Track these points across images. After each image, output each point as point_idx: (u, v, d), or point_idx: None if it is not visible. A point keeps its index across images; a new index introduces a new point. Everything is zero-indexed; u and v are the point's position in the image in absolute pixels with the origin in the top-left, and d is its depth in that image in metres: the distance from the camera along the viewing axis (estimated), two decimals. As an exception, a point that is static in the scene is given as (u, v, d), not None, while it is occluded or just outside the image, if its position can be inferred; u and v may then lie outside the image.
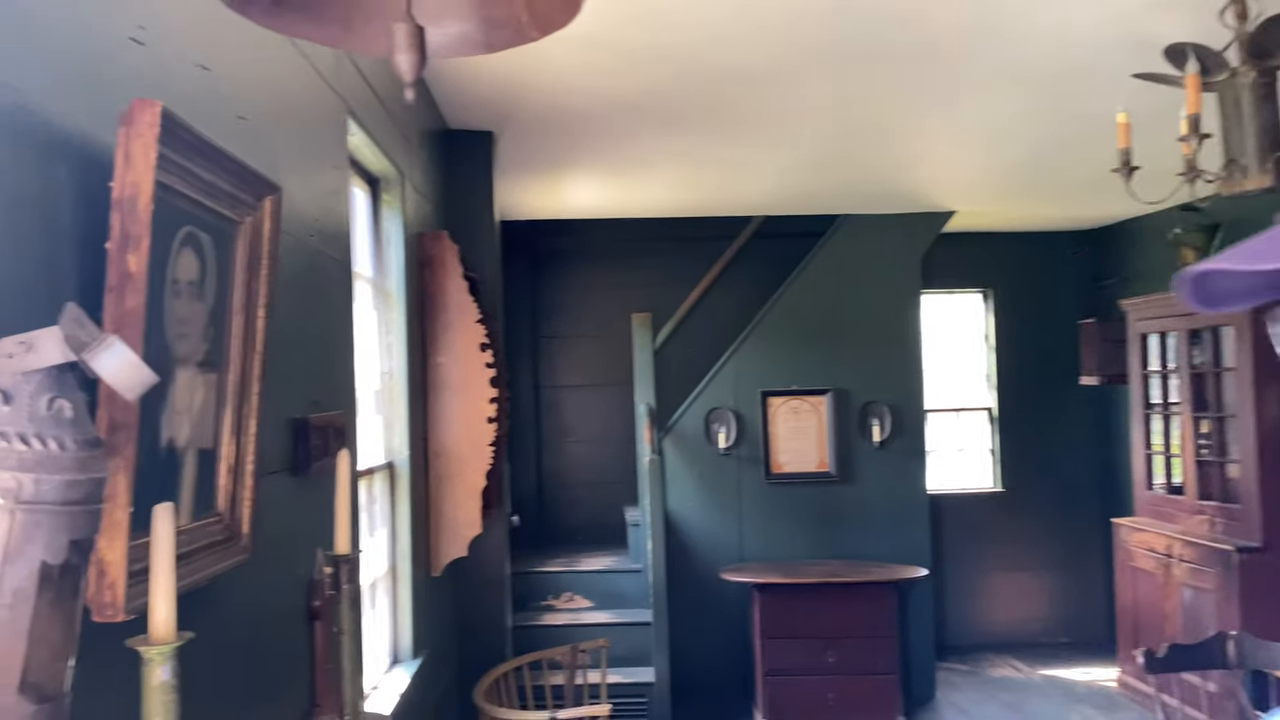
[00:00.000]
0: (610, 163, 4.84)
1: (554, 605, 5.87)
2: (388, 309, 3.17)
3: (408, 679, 3.01)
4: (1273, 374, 4.98)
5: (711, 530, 6.08)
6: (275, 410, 1.83)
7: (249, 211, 1.52)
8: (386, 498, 3.12)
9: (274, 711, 1.83)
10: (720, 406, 6.13)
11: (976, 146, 4.67)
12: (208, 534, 1.42)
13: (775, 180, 5.35)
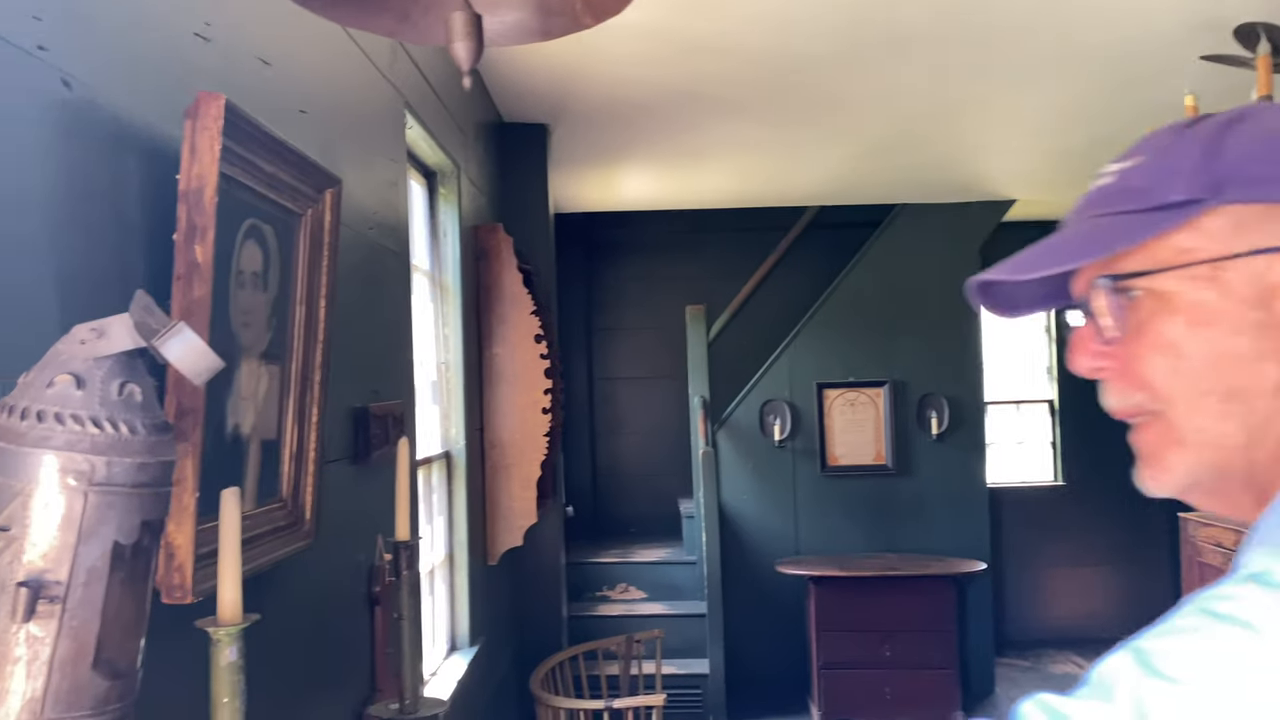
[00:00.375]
0: (666, 153, 4.84)
1: (609, 596, 5.90)
2: (444, 301, 3.20)
3: (465, 665, 3.04)
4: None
5: (766, 523, 6.05)
6: (336, 399, 1.86)
7: (310, 204, 1.54)
8: (444, 487, 3.16)
9: (336, 694, 1.87)
10: (775, 399, 6.10)
11: (1039, 133, 4.58)
12: (271, 519, 1.45)
13: (833, 169, 5.30)
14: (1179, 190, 0.64)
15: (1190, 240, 0.64)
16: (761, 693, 5.73)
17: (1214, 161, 0.63)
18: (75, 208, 1.06)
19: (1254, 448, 0.62)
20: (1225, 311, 0.62)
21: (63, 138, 1.04)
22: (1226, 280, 0.62)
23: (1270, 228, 0.61)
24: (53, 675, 0.73)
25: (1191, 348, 0.63)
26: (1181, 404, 0.64)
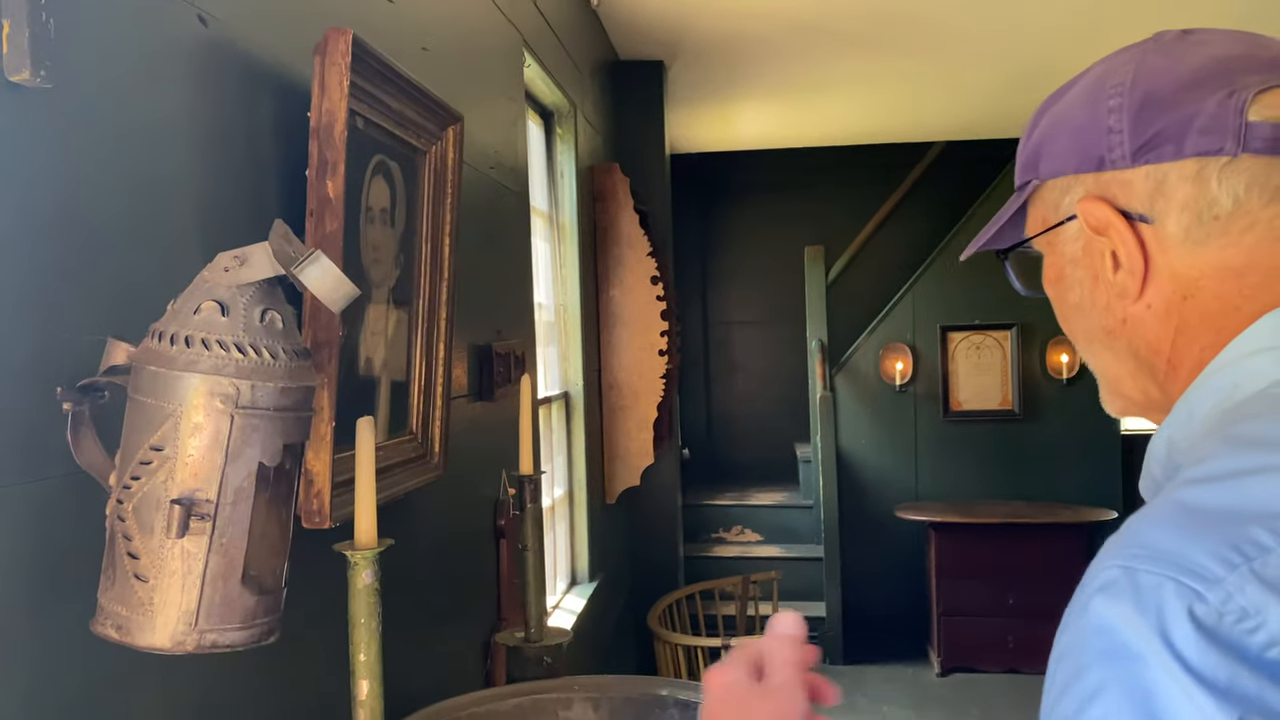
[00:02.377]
0: (785, 89, 4.73)
1: (725, 538, 5.93)
2: (561, 242, 3.22)
3: (584, 600, 3.11)
4: None
5: (885, 468, 5.96)
6: (460, 337, 1.89)
7: (433, 140, 1.55)
8: (562, 427, 3.20)
9: (465, 621, 1.93)
10: (896, 342, 5.96)
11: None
12: (402, 451, 1.49)
13: (961, 102, 5.09)
14: (1019, 172, 0.78)
15: (1039, 213, 0.77)
16: (879, 638, 5.69)
17: (1028, 143, 0.77)
18: (213, 144, 1.09)
19: (1149, 370, 0.73)
20: (1063, 270, 0.76)
21: (200, 75, 1.07)
22: (1059, 244, 0.75)
23: (1073, 195, 0.73)
24: (205, 588, 0.76)
25: (1059, 302, 0.77)
26: (1082, 347, 0.78)
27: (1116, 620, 0.53)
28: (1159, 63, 0.72)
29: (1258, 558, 0.52)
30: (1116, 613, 0.53)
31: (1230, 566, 0.52)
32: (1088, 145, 0.72)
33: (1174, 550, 0.54)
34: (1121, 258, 0.71)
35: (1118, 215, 0.71)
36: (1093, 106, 0.73)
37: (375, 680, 1.08)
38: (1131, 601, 0.53)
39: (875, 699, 5.04)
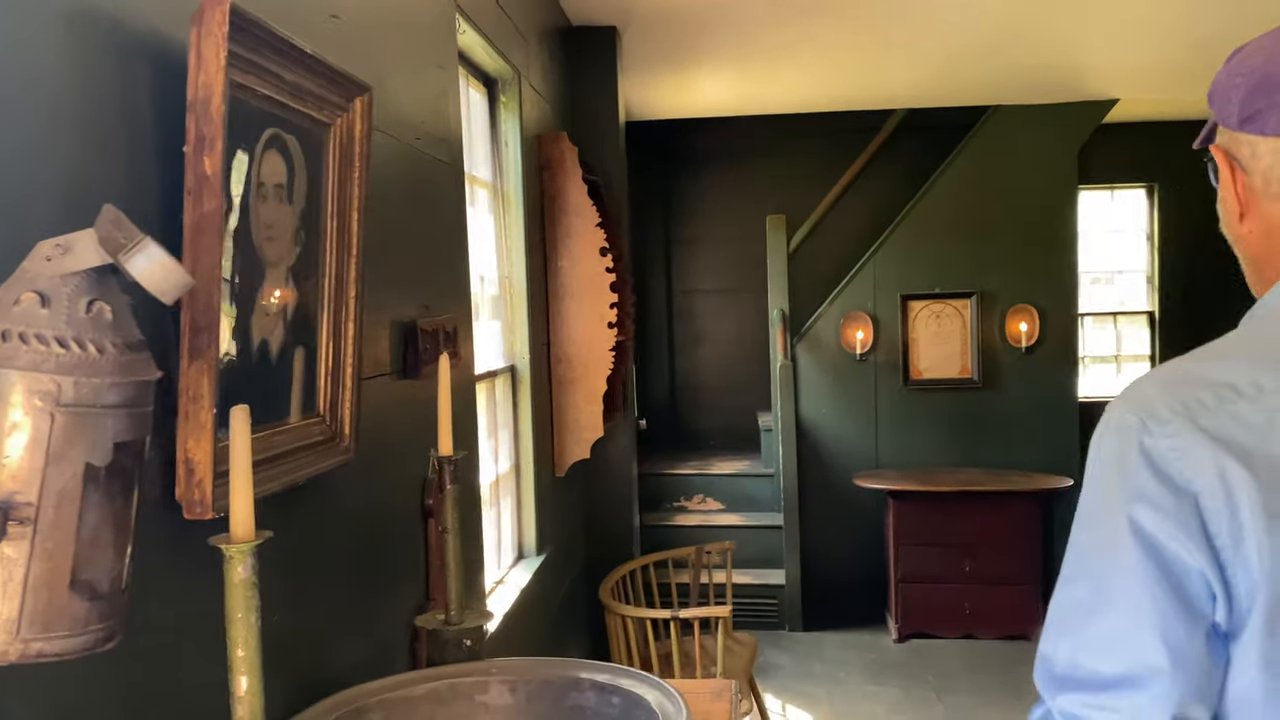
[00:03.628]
0: (743, 55, 4.66)
1: (686, 506, 5.93)
2: (506, 213, 3.16)
3: (530, 574, 3.09)
4: None
5: (845, 436, 5.97)
6: (381, 314, 1.84)
7: (338, 113, 1.50)
8: (509, 401, 3.17)
9: (391, 604, 1.90)
10: (857, 310, 5.95)
11: (1148, 26, 4.25)
12: (307, 434, 1.45)
13: (921, 69, 5.04)
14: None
15: (1221, 140, 0.98)
16: (837, 604, 5.73)
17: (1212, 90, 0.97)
18: (85, 119, 1.04)
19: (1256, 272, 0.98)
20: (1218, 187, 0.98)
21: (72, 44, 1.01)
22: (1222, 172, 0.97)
23: (1219, 138, 0.97)
24: (27, 596, 0.73)
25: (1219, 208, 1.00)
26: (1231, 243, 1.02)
27: (1113, 439, 0.87)
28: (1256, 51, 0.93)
29: (1200, 413, 0.83)
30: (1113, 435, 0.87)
31: (1176, 414, 0.83)
32: (1223, 105, 0.95)
33: (1149, 399, 0.86)
34: (1232, 194, 0.95)
35: (1229, 163, 0.95)
36: (1230, 75, 0.95)
37: (254, 675, 1.05)
38: (1117, 429, 0.87)
39: (832, 665, 5.09)
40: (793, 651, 5.29)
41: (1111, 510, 0.85)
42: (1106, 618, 0.84)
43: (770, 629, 5.57)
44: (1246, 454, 0.80)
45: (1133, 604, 0.83)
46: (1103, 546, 0.86)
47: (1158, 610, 0.82)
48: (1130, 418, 0.86)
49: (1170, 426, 0.83)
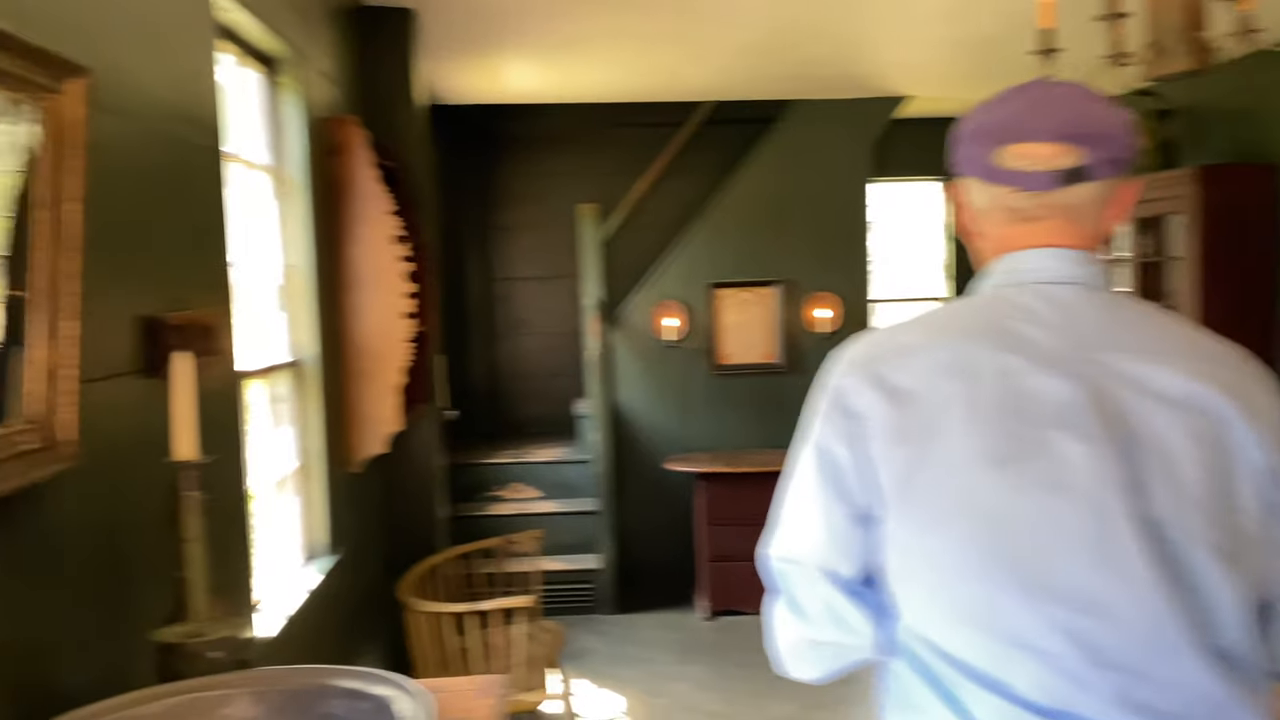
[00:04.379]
0: (545, 44, 4.64)
1: (501, 496, 5.90)
2: (289, 200, 3.04)
3: (322, 576, 3.00)
4: (1217, 264, 4.94)
5: (659, 421, 6.08)
6: (119, 310, 1.73)
7: (47, 96, 1.39)
8: (294, 397, 3.05)
9: (139, 616, 1.79)
10: (669, 298, 6.06)
11: (924, 26, 4.48)
12: (10, 444, 1.34)
13: (724, 63, 5.15)
14: None
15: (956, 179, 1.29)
16: (652, 586, 5.84)
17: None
18: None
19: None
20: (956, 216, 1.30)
21: None
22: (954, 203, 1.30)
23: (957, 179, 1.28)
24: None
25: None
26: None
27: (821, 386, 1.20)
28: (977, 113, 1.23)
29: (875, 363, 1.16)
30: (827, 381, 1.19)
31: (861, 365, 1.17)
32: (951, 153, 1.25)
33: (850, 355, 1.21)
34: (961, 220, 1.28)
35: (957, 198, 1.28)
36: (957, 129, 1.25)
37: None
38: (825, 378, 1.20)
39: (645, 646, 5.18)
40: (607, 635, 5.35)
41: (809, 434, 1.19)
42: (793, 506, 1.20)
43: (586, 614, 5.62)
44: (895, 391, 1.13)
45: (809, 494, 1.18)
46: (800, 459, 1.20)
47: (824, 498, 1.16)
48: (834, 368, 1.21)
49: (854, 372, 1.17)
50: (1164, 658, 1.05)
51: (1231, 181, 4.95)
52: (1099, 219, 1.20)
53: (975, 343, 1.13)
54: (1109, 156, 1.16)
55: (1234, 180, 4.96)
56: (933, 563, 1.10)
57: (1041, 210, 1.18)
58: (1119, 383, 1.09)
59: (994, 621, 1.07)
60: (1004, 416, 1.08)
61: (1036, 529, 1.06)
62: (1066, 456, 1.06)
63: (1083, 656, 1.05)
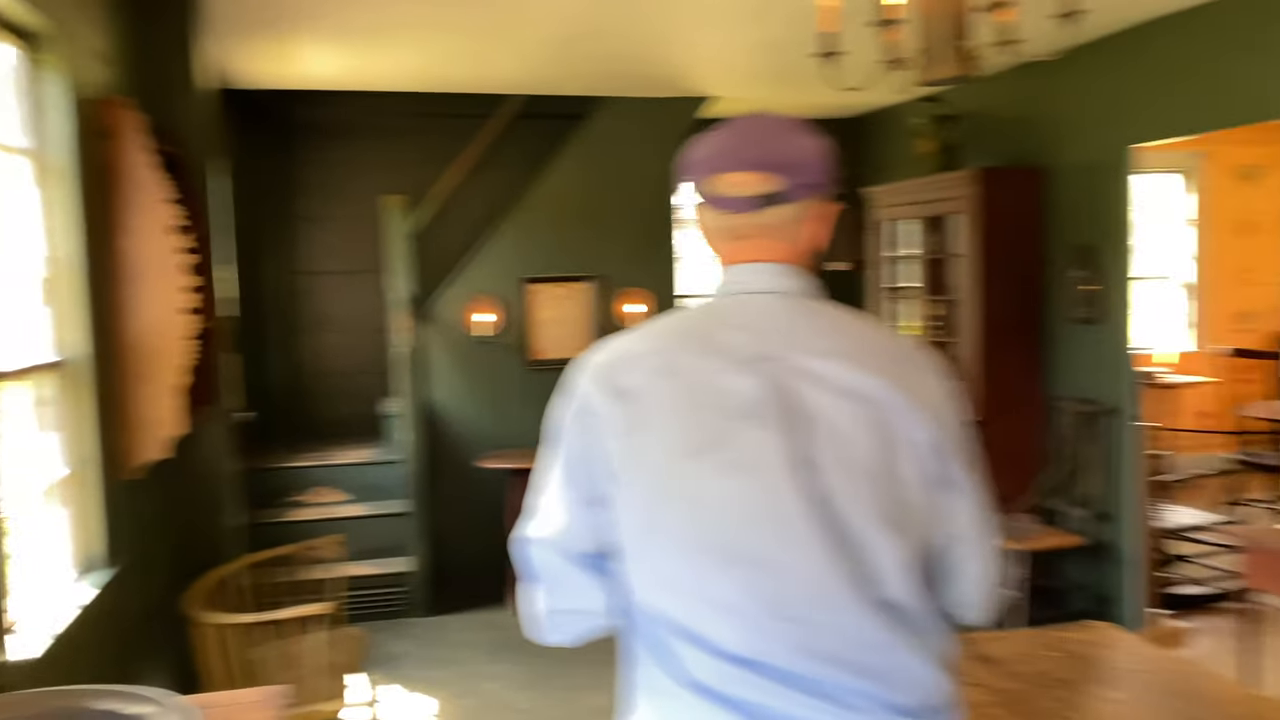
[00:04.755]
0: (345, 29, 4.47)
1: (302, 501, 5.67)
2: (52, 187, 2.80)
3: (95, 591, 2.79)
4: (995, 258, 5.31)
5: (472, 418, 6.00)
6: None
7: None
8: (61, 400, 2.82)
9: None
10: (481, 293, 5.98)
11: (724, 27, 4.60)
12: None
13: (530, 57, 5.12)
14: None
15: None
16: (465, 586, 5.76)
17: None
18: None
19: None
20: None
21: None
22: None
23: None
24: None
25: None
26: None
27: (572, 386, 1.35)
28: (698, 144, 1.40)
29: (610, 366, 1.32)
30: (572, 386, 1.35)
31: (597, 367, 1.33)
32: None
33: (590, 360, 1.36)
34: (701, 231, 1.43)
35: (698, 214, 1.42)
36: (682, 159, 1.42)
37: None
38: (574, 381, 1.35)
39: (457, 647, 5.10)
40: (419, 638, 5.24)
41: (557, 433, 1.36)
42: (542, 495, 1.37)
43: (397, 618, 5.48)
44: (622, 391, 1.30)
45: (555, 485, 1.35)
46: (548, 455, 1.37)
47: (566, 487, 1.34)
48: (577, 374, 1.36)
49: (591, 377, 1.33)
50: (832, 610, 1.24)
51: (1007, 183, 5.34)
52: (799, 236, 1.37)
53: (685, 347, 1.31)
54: (804, 182, 1.34)
55: (1009, 182, 5.35)
56: (650, 539, 1.28)
57: (749, 230, 1.36)
58: (800, 378, 1.27)
59: (697, 587, 1.25)
60: (699, 410, 1.27)
61: (726, 506, 1.25)
62: (749, 443, 1.25)
63: (766, 612, 1.24)
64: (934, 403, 1.30)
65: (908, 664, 1.27)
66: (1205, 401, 7.43)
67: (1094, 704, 2.36)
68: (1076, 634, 2.78)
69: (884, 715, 1.26)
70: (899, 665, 1.26)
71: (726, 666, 1.24)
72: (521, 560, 1.39)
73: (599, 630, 1.40)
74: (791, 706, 1.24)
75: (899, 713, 1.27)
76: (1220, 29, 4.19)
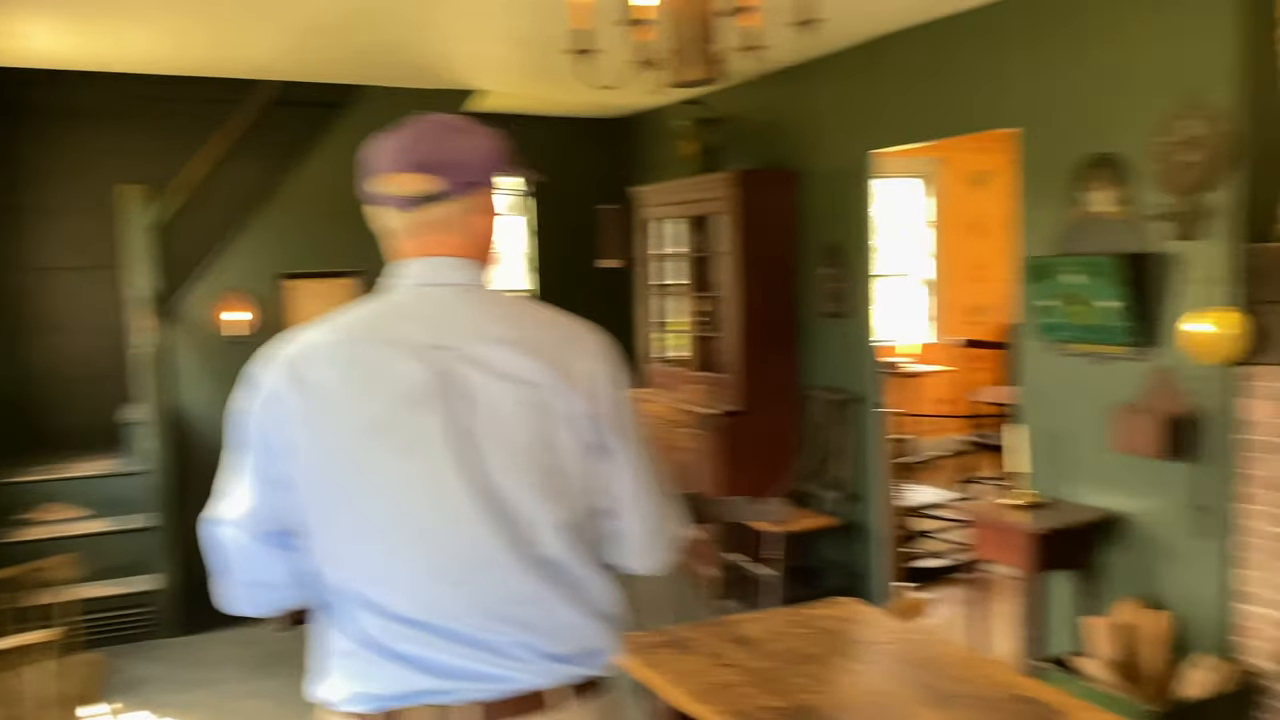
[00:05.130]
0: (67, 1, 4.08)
1: (31, 519, 5.15)
2: None
3: None
4: (755, 258, 5.54)
5: (225, 423, 5.63)
6: None
7: None
8: None
9: None
10: (233, 290, 5.64)
11: (485, 20, 4.55)
12: None
13: (284, 41, 4.86)
14: None
15: None
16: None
17: None
18: None
19: None
20: None
21: None
22: None
23: None
24: None
25: None
26: None
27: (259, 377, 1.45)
28: (371, 147, 1.50)
29: (296, 358, 1.43)
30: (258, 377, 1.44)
31: (281, 358, 1.44)
32: None
33: (275, 353, 1.46)
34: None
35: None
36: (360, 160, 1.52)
37: None
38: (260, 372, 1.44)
39: (214, 666, 4.80)
40: (169, 660, 4.88)
41: (244, 421, 1.45)
42: (231, 479, 1.48)
43: (144, 640, 5.08)
44: (305, 381, 1.40)
45: (243, 470, 1.46)
46: (235, 442, 1.46)
47: (252, 471, 1.44)
48: (264, 366, 1.45)
49: (277, 368, 1.43)
50: (494, 572, 1.39)
51: (764, 185, 5.59)
52: (470, 229, 1.49)
53: (365, 338, 1.42)
54: (466, 180, 1.45)
55: (765, 184, 5.60)
56: (331, 517, 1.41)
57: (419, 227, 1.46)
58: (468, 364, 1.40)
59: (373, 559, 1.40)
60: (375, 397, 1.38)
61: (397, 485, 1.38)
62: (417, 426, 1.37)
63: (433, 578, 1.39)
64: (592, 381, 1.44)
65: (565, 616, 1.43)
66: (943, 388, 8.09)
67: (839, 676, 2.51)
68: (825, 611, 2.95)
69: (542, 663, 1.42)
70: (556, 618, 1.43)
71: (399, 627, 1.39)
72: (211, 540, 1.49)
73: (289, 602, 1.51)
74: (458, 660, 1.39)
75: (557, 660, 1.44)
76: (952, 44, 4.55)
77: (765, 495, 5.27)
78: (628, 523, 1.51)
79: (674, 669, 2.51)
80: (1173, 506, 3.64)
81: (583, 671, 1.47)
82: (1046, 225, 4.08)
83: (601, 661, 1.50)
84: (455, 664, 1.39)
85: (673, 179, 6.15)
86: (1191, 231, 3.49)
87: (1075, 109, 3.96)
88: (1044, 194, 4.10)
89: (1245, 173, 3.37)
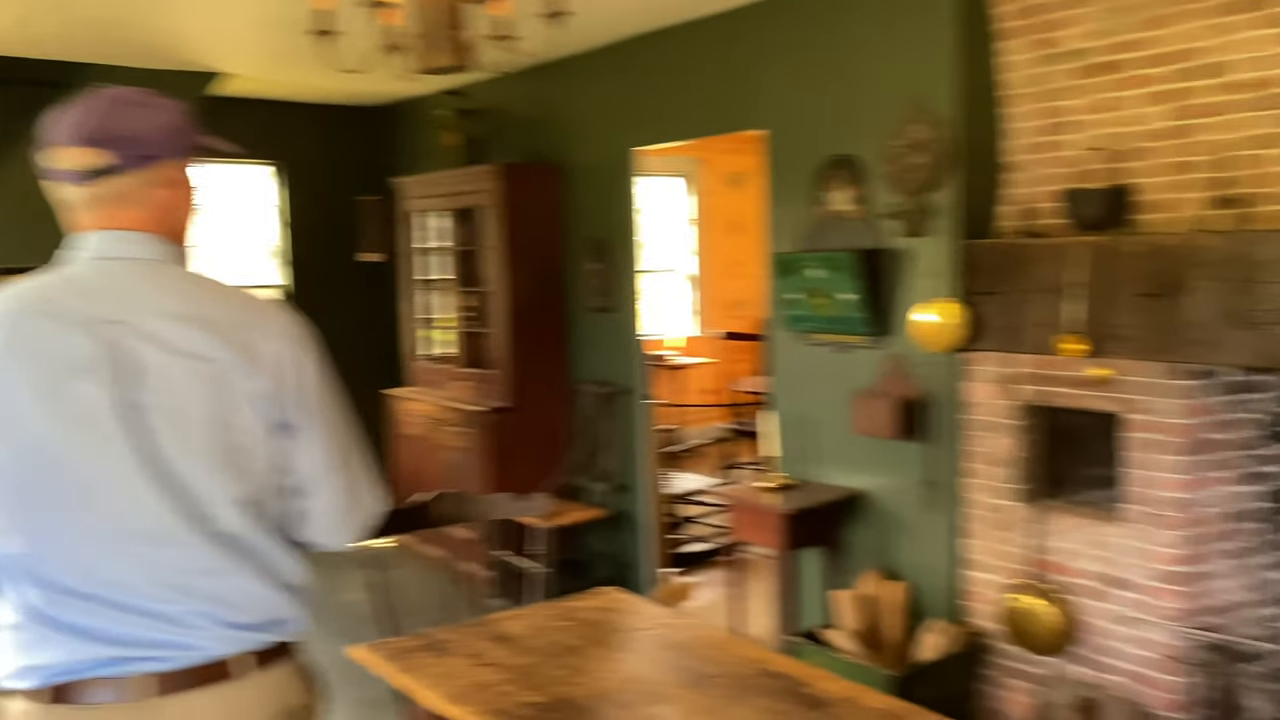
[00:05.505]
0: None
1: None
2: None
3: None
4: (522, 252, 5.52)
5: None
6: None
7: None
8: None
9: None
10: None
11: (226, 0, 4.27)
12: None
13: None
14: None
15: None
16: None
17: None
18: None
19: None
20: None
21: None
22: None
23: None
24: None
25: None
26: None
27: None
28: (47, 121, 1.48)
29: None
30: None
31: None
32: None
33: None
34: None
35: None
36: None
37: None
38: None
39: None
40: None
41: None
42: None
43: None
44: None
45: None
46: None
47: None
48: None
49: None
50: (167, 544, 1.41)
51: (529, 179, 5.57)
52: (151, 202, 1.48)
53: (36, 311, 1.40)
54: (137, 154, 1.45)
55: (531, 178, 5.58)
56: None
57: (95, 200, 1.45)
58: (140, 339, 1.40)
59: (40, 531, 1.40)
60: (40, 369, 1.38)
61: (64, 457, 1.38)
62: (82, 398, 1.38)
63: (108, 549, 1.39)
64: (278, 360, 1.46)
65: (246, 587, 1.46)
66: (706, 379, 8.38)
67: (599, 666, 2.54)
68: (587, 602, 2.97)
69: (222, 631, 1.45)
70: (237, 589, 1.45)
71: (69, 599, 1.39)
72: None
73: None
74: (133, 629, 1.40)
75: (238, 628, 1.46)
76: (707, 47, 4.70)
77: (536, 491, 5.26)
78: (315, 501, 1.54)
79: (431, 672, 2.45)
80: (907, 483, 3.93)
81: (267, 638, 1.49)
82: (792, 223, 4.30)
83: (287, 629, 1.53)
84: (130, 633, 1.40)
85: (436, 170, 6.02)
86: (919, 229, 3.78)
87: (818, 113, 4.19)
88: (790, 193, 4.32)
89: (964, 174, 3.68)
